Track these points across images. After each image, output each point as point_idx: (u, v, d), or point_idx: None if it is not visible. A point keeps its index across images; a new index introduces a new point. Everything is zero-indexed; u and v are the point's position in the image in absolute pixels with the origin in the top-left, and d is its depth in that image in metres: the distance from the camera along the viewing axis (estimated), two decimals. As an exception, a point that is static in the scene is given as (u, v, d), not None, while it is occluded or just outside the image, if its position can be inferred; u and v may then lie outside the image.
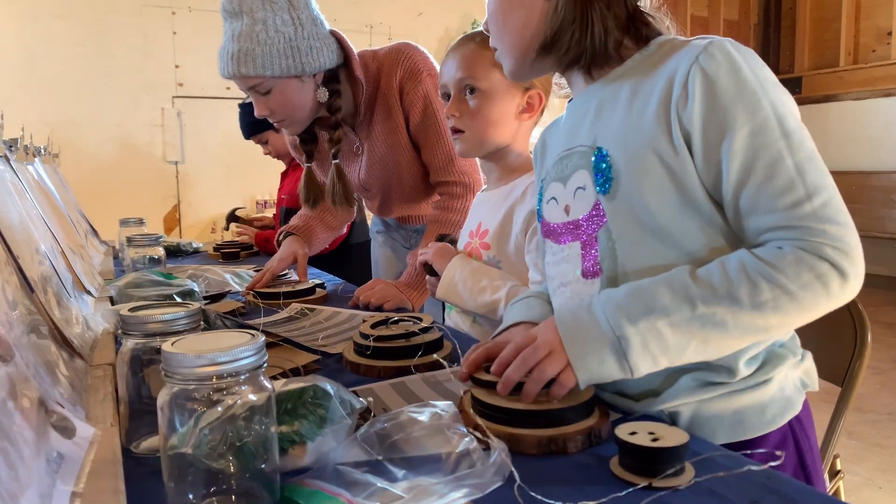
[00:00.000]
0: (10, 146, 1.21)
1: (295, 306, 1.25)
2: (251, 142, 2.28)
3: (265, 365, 0.53)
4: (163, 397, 0.52)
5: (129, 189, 3.77)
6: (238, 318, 1.14)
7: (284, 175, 2.43)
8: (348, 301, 1.32)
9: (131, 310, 0.68)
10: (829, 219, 0.61)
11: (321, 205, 1.54)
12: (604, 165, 0.71)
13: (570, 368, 0.64)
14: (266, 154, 2.37)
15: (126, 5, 3.79)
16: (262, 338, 0.53)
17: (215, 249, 2.03)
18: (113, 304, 1.19)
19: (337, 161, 1.43)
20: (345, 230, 1.76)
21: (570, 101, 0.82)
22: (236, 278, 1.46)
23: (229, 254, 1.97)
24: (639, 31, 0.74)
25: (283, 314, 1.21)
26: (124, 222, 1.98)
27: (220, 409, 0.51)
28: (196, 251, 2.13)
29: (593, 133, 0.74)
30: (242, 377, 0.51)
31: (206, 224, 4.02)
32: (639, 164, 0.68)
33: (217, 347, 0.50)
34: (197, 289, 1.27)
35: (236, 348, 0.50)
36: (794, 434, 0.72)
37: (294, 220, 1.61)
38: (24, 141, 1.38)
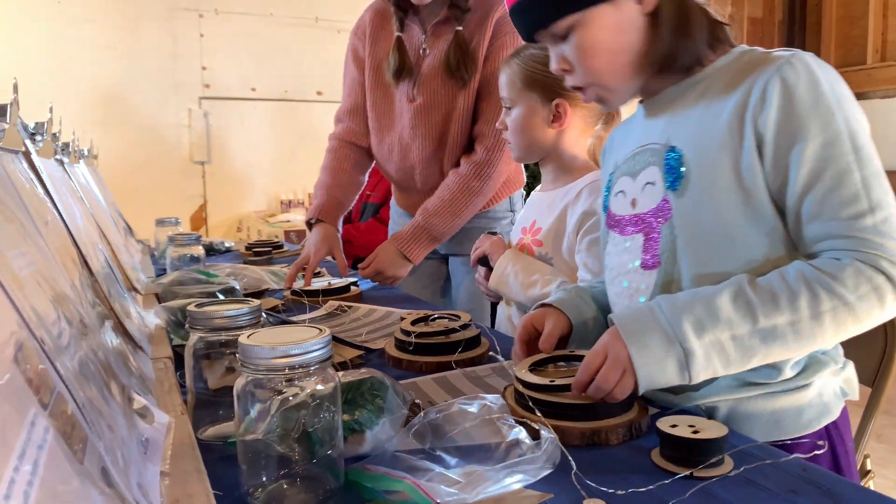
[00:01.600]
0: (63, 149, 1.26)
1: (332, 303, 1.29)
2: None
3: (332, 357, 0.57)
4: (239, 386, 0.56)
5: (156, 189, 3.84)
6: (280, 315, 1.19)
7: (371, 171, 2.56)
8: (381, 300, 1.36)
9: (197, 306, 0.72)
10: (888, 234, 0.64)
11: (338, 167, 1.61)
12: (676, 163, 0.74)
13: (631, 373, 0.66)
14: None
15: (155, 8, 3.87)
16: (329, 333, 0.57)
17: (247, 248, 2.08)
18: (160, 301, 1.24)
19: (400, 35, 1.50)
20: (366, 179, 1.73)
21: (641, 100, 0.84)
22: (273, 276, 1.50)
23: (261, 252, 2.02)
24: (718, 38, 0.76)
25: (321, 311, 1.25)
26: (160, 222, 2.04)
27: (290, 397, 0.55)
28: (228, 250, 2.18)
29: (667, 132, 0.76)
30: (312, 368, 0.55)
31: (232, 223, 4.08)
32: (710, 165, 0.71)
33: (289, 341, 0.55)
34: (238, 287, 1.32)
35: (307, 341, 0.54)
36: (831, 439, 0.74)
37: (317, 199, 1.61)
38: (75, 144, 1.44)
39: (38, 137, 0.93)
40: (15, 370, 0.32)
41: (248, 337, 0.56)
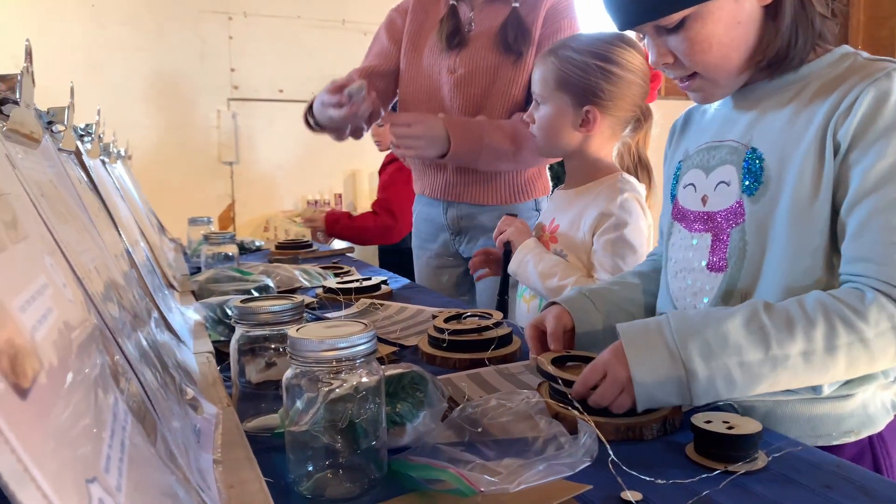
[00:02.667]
0: (105, 149, 1.30)
1: (364, 301, 1.31)
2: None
3: (376, 351, 0.59)
4: (287, 377, 0.58)
5: (185, 189, 3.91)
6: (315, 312, 1.21)
7: (382, 171, 2.68)
8: (411, 299, 1.38)
9: (242, 301, 0.75)
10: None
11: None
12: (756, 167, 0.71)
13: (630, 392, 0.65)
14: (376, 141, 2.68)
15: (185, 11, 3.94)
16: (374, 328, 0.59)
17: (277, 247, 2.12)
18: (196, 298, 1.27)
19: (454, 3, 1.53)
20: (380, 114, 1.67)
21: None
22: (305, 275, 1.53)
23: (290, 251, 2.05)
24: (822, 35, 0.72)
25: (353, 309, 1.27)
26: (193, 221, 2.09)
27: (337, 390, 0.57)
28: (258, 248, 2.22)
29: (750, 132, 0.74)
30: (358, 361, 0.57)
31: (260, 223, 4.14)
32: (791, 174, 0.68)
33: (336, 334, 0.57)
34: (272, 284, 1.35)
35: (353, 336, 0.57)
36: (874, 450, 0.73)
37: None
38: (114, 145, 1.48)
39: (87, 138, 0.96)
40: (104, 359, 0.34)
41: (297, 330, 0.58)
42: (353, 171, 4.29)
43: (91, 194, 0.80)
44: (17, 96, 0.45)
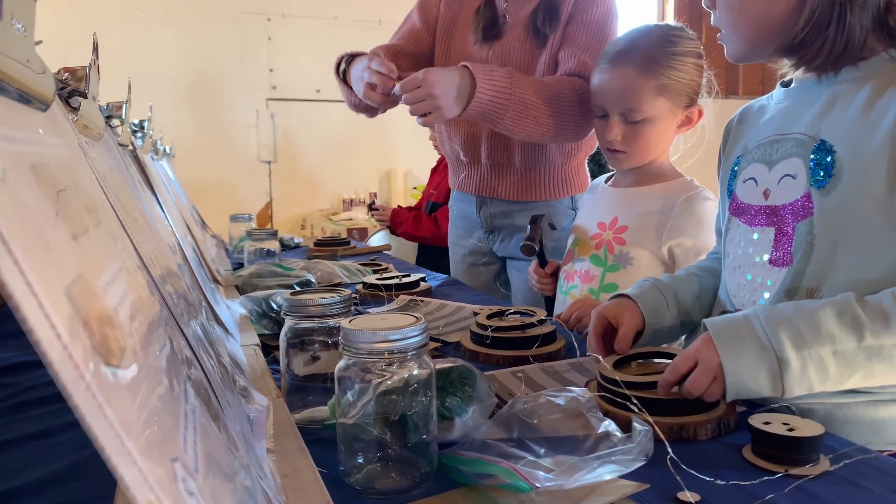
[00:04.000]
0: (153, 145, 1.33)
1: (403, 297, 1.32)
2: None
3: (428, 344, 0.58)
4: (339, 369, 0.58)
5: (225, 187, 3.98)
6: (357, 308, 1.22)
7: (435, 170, 2.68)
8: (450, 296, 1.38)
9: (292, 294, 0.75)
10: None
11: None
12: (828, 160, 0.70)
13: (721, 381, 0.65)
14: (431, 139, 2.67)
15: (225, 12, 4.02)
16: (425, 321, 0.59)
17: (316, 244, 2.14)
18: (240, 292, 1.29)
19: None
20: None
21: (783, 83, 0.80)
22: (345, 271, 1.54)
23: (329, 248, 2.07)
24: (889, 29, 0.70)
25: (394, 305, 1.28)
26: (234, 218, 2.12)
27: (389, 382, 0.57)
28: (297, 245, 2.25)
29: (818, 125, 0.72)
30: (409, 354, 0.57)
31: (297, 221, 4.20)
32: (865, 167, 0.67)
33: (389, 327, 0.57)
34: (313, 279, 1.36)
35: (406, 328, 0.56)
36: None
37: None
38: (161, 143, 1.51)
39: (139, 134, 0.98)
40: (172, 344, 0.35)
41: (350, 322, 0.58)
42: (388, 170, 4.31)
43: (145, 188, 0.82)
44: (86, 89, 0.46)
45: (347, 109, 1.58)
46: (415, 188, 4.18)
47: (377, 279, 1.42)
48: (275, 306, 1.07)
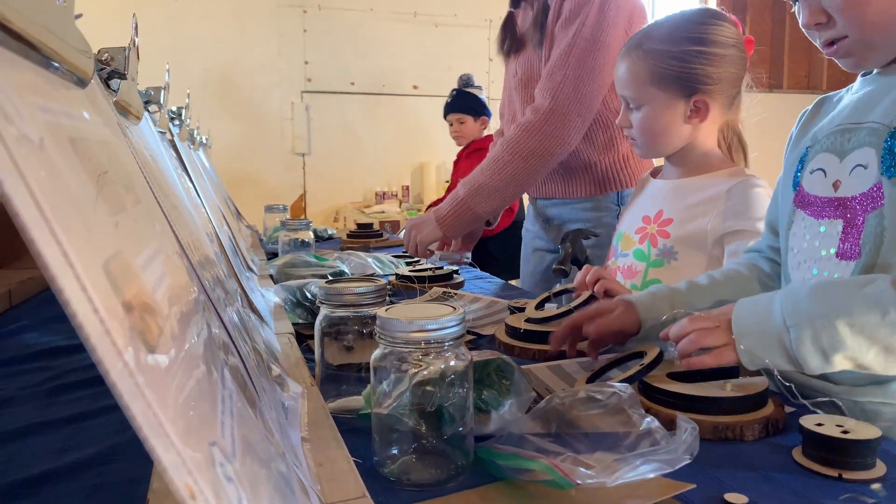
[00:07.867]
0: (190, 135, 1.34)
1: (437, 290, 1.31)
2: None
3: (465, 335, 0.57)
4: (375, 358, 0.57)
5: (259, 178, 4.02)
6: (391, 299, 1.21)
7: (457, 162, 2.73)
8: (483, 290, 1.36)
9: (327, 282, 0.75)
10: None
11: None
12: None
13: (732, 347, 0.66)
14: (452, 134, 2.82)
15: (263, 5, 4.05)
16: (463, 311, 0.58)
17: (349, 236, 2.15)
18: (274, 281, 1.30)
19: (512, 10, 1.57)
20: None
21: (862, 73, 0.78)
22: (378, 262, 1.54)
23: (362, 240, 2.07)
24: None
25: (426, 297, 1.27)
26: (269, 208, 2.14)
27: (425, 372, 0.56)
28: (331, 237, 2.26)
29: (893, 113, 0.70)
30: (446, 344, 0.55)
31: (330, 213, 4.22)
32: None
33: (425, 316, 0.56)
34: (347, 270, 1.36)
35: (443, 318, 0.55)
36: None
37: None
38: (198, 133, 1.53)
39: (176, 121, 0.99)
40: (209, 329, 0.34)
41: (386, 311, 0.57)
42: (420, 163, 4.30)
43: (182, 174, 0.82)
44: (126, 70, 0.46)
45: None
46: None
47: (410, 271, 1.41)
48: (309, 295, 1.07)
